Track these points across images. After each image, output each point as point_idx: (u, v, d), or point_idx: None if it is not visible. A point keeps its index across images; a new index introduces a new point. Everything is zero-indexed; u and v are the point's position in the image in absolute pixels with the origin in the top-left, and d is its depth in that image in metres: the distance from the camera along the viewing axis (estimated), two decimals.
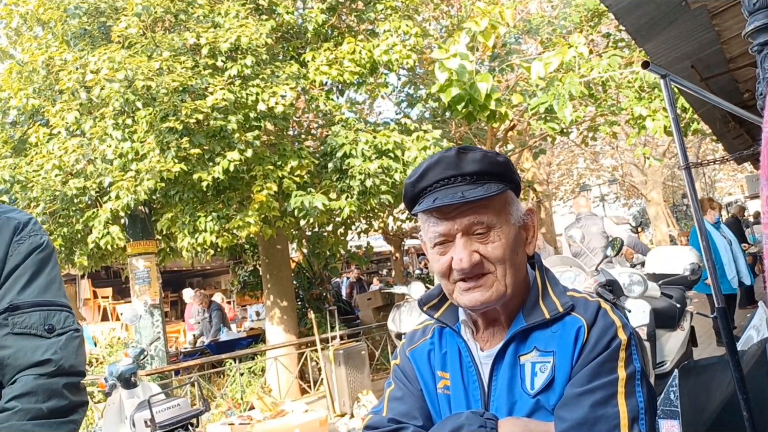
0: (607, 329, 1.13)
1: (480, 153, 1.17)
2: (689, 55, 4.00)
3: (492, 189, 1.14)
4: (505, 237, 1.15)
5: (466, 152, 1.17)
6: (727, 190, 29.67)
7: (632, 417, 1.06)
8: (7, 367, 1.25)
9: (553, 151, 18.64)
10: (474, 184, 1.15)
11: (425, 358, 1.30)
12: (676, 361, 4.54)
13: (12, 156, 7.03)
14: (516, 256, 1.17)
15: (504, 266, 1.15)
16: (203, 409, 4.19)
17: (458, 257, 1.14)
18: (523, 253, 1.21)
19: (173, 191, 6.38)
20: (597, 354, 1.10)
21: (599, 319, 1.15)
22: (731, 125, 6.38)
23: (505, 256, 1.15)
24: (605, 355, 1.10)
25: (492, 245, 1.14)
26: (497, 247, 1.14)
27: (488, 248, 1.14)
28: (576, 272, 4.25)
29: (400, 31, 7.05)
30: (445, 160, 1.16)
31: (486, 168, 1.16)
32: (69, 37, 6.88)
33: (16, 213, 1.40)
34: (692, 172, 1.97)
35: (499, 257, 1.14)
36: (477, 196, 1.12)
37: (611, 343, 1.11)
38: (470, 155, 1.16)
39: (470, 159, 1.16)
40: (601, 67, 6.66)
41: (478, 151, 1.17)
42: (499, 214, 1.16)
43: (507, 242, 1.15)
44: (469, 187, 1.14)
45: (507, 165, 1.19)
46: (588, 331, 1.13)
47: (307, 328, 8.54)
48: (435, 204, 1.13)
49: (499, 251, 1.14)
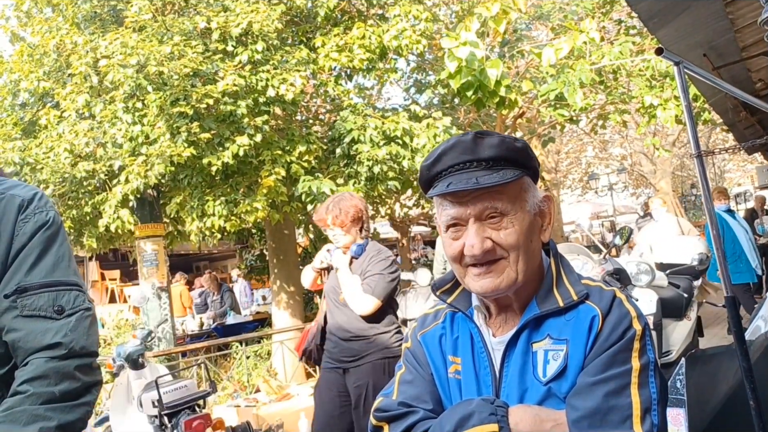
0: (622, 319, 1.12)
1: (497, 138, 1.15)
2: (701, 43, 3.95)
3: (508, 175, 1.12)
4: (519, 224, 1.14)
5: (483, 137, 1.15)
6: (737, 180, 29.44)
7: (645, 408, 1.06)
8: (19, 350, 1.25)
9: (562, 139, 18.53)
10: (490, 169, 1.13)
11: (437, 342, 1.30)
12: (682, 350, 4.55)
13: (21, 138, 7.05)
14: (530, 243, 1.16)
15: (517, 253, 1.14)
16: (210, 391, 4.22)
17: (470, 243, 1.13)
18: (537, 240, 1.20)
19: (182, 175, 6.39)
20: (611, 344, 1.09)
21: (614, 308, 1.14)
22: (743, 115, 6.31)
23: (518, 243, 1.13)
24: (620, 345, 1.09)
25: (505, 232, 1.13)
26: (510, 234, 1.13)
27: (501, 235, 1.13)
28: (584, 260, 4.25)
29: (410, 15, 6.99)
30: (462, 144, 1.15)
31: (503, 153, 1.14)
32: (79, 20, 6.88)
33: (20, 189, 1.35)
34: (704, 161, 1.95)
35: (511, 244, 1.13)
36: (491, 183, 1.10)
37: (626, 333, 1.10)
38: (487, 140, 1.15)
39: (487, 144, 1.14)
40: (613, 55, 6.59)
41: (495, 137, 1.16)
42: (514, 200, 1.15)
43: (521, 229, 1.14)
44: (485, 173, 1.12)
45: (525, 151, 1.17)
46: (602, 321, 1.12)
47: (313, 312, 8.57)
48: (449, 189, 1.12)
49: (512, 238, 1.13)
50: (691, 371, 1.85)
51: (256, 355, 8.06)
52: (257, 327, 9.50)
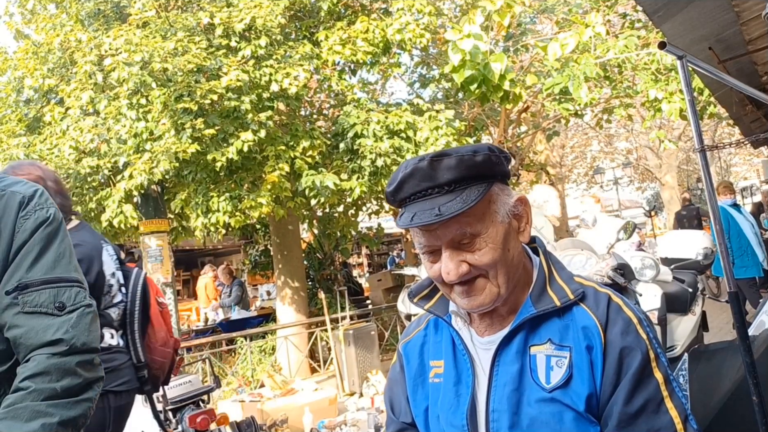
0: (628, 330, 1.11)
1: (455, 159, 1.09)
2: (707, 36, 3.92)
3: (471, 197, 1.07)
4: (492, 241, 1.11)
5: (441, 159, 1.09)
6: (743, 174, 29.29)
7: (683, 417, 1.07)
8: (20, 346, 1.26)
9: (567, 133, 18.46)
10: (452, 193, 1.08)
11: (417, 351, 1.32)
12: (686, 345, 4.54)
13: (26, 134, 7.08)
14: (507, 254, 1.13)
15: (495, 269, 1.12)
16: (214, 386, 4.24)
17: (446, 270, 1.11)
18: (516, 244, 1.16)
19: (187, 171, 6.41)
20: (629, 363, 1.08)
21: (616, 317, 1.12)
22: (748, 108, 6.28)
23: (494, 260, 1.11)
24: (639, 362, 1.08)
25: (479, 252, 1.10)
26: (485, 254, 1.10)
27: (476, 256, 1.10)
28: (587, 255, 4.23)
29: (413, 9, 6.97)
30: (419, 171, 1.09)
31: (462, 174, 1.08)
32: (83, 17, 6.89)
33: (20, 186, 1.36)
34: (707, 156, 1.94)
35: (487, 263, 1.11)
36: (454, 212, 1.06)
37: (638, 346, 1.09)
38: (444, 162, 1.09)
39: (444, 167, 1.09)
40: (617, 48, 6.55)
41: (453, 157, 1.09)
42: (483, 218, 1.11)
43: (495, 245, 1.11)
44: (446, 199, 1.08)
45: (487, 161, 1.11)
46: (604, 332, 1.11)
47: (318, 308, 8.59)
48: (414, 222, 1.08)
49: (486, 257, 1.10)
50: (694, 366, 1.84)
51: (261, 351, 8.09)
52: (262, 322, 9.52)
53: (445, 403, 1.21)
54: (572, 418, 1.09)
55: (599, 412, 1.10)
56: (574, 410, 1.09)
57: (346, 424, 5.49)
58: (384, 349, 8.39)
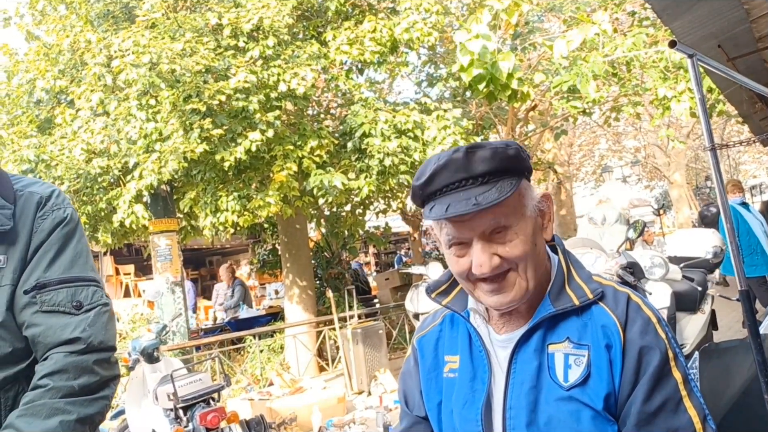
0: (647, 329, 1.11)
1: (489, 150, 1.10)
2: (716, 34, 3.91)
3: (506, 189, 1.08)
4: (523, 233, 1.11)
5: (475, 151, 1.10)
6: (752, 172, 29.10)
7: (702, 417, 1.07)
8: (39, 345, 1.27)
9: (575, 131, 18.38)
10: (486, 185, 1.09)
11: (432, 345, 1.32)
12: (696, 344, 4.52)
13: (37, 135, 7.14)
14: (535, 248, 1.14)
15: (525, 262, 1.12)
16: (224, 384, 4.26)
17: (478, 263, 1.10)
18: (541, 240, 1.18)
19: (195, 171, 6.45)
20: (648, 362, 1.08)
21: (635, 316, 1.12)
22: (758, 106, 6.25)
23: (525, 252, 1.11)
24: (658, 361, 1.08)
25: (511, 244, 1.11)
26: (516, 246, 1.11)
27: (507, 248, 1.11)
28: (597, 254, 4.22)
29: (421, 8, 6.97)
30: (454, 162, 1.10)
31: (497, 166, 1.09)
32: (92, 18, 6.93)
33: (38, 186, 1.38)
34: (717, 154, 1.94)
35: (519, 255, 1.11)
36: (491, 201, 1.06)
37: (657, 345, 1.09)
38: (479, 154, 1.09)
39: (479, 158, 1.09)
40: (626, 46, 6.52)
41: (487, 149, 1.10)
42: (515, 211, 1.11)
43: (525, 238, 1.12)
44: (482, 190, 1.08)
45: (518, 155, 1.12)
46: (623, 331, 1.11)
47: (326, 306, 8.61)
48: (448, 213, 1.08)
49: (518, 249, 1.11)
50: (704, 365, 1.83)
51: (270, 349, 8.12)
52: (270, 321, 9.55)
53: (459, 399, 1.21)
54: (590, 416, 1.08)
55: (617, 411, 1.10)
56: (592, 409, 1.09)
57: (354, 422, 5.51)
58: (392, 348, 8.40)
